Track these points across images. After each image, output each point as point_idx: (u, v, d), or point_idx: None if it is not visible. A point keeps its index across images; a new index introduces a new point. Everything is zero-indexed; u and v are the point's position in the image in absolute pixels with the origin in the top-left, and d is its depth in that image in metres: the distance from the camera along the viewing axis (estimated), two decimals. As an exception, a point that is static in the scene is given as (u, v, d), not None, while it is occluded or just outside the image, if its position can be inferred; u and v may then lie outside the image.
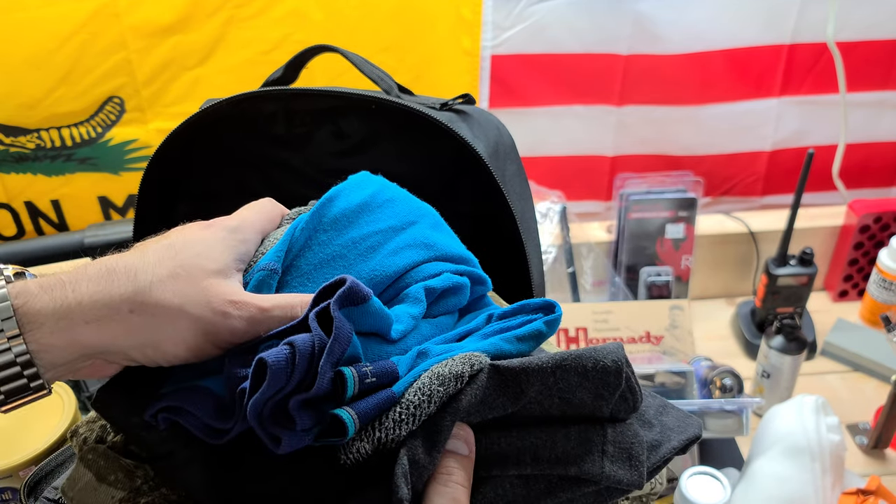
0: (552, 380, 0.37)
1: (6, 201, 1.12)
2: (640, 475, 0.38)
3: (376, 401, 0.36)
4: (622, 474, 0.38)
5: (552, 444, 0.38)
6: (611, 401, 0.39)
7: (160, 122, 1.07)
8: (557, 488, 0.38)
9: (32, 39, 0.98)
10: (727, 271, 1.19)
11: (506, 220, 0.57)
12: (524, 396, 0.37)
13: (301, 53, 0.66)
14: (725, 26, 1.09)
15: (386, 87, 0.60)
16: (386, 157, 0.63)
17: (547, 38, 1.07)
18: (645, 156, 1.20)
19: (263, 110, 0.63)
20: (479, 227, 0.64)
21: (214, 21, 1.00)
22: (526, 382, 0.37)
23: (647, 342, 1.05)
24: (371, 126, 0.62)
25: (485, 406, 0.37)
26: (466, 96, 0.60)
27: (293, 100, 0.62)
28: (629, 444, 0.39)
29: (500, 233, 0.62)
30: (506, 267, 0.63)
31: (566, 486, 0.38)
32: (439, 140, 0.57)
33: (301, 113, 0.62)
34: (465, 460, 0.37)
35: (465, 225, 0.64)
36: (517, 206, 0.57)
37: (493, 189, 0.56)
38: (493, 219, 0.62)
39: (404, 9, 1.03)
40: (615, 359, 0.38)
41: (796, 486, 0.77)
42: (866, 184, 1.25)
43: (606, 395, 0.38)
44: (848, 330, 1.11)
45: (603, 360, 0.38)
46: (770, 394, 0.97)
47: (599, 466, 0.38)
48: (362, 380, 0.36)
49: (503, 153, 0.60)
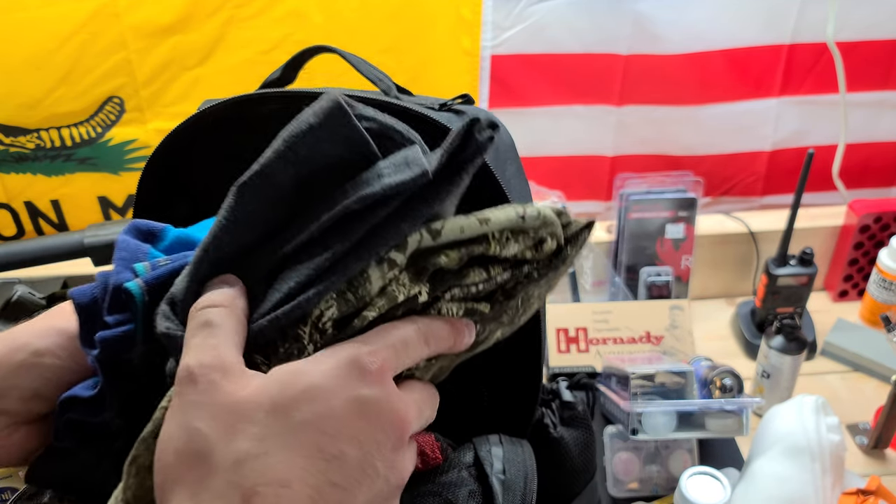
0: (291, 155, 0.36)
1: (6, 201, 1.12)
2: (422, 167, 0.37)
3: (171, 266, 0.39)
4: (403, 175, 0.36)
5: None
6: (363, 140, 0.37)
7: (160, 122, 1.07)
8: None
9: (32, 39, 0.98)
10: (727, 271, 1.19)
11: None
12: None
13: (300, 54, 0.66)
14: (725, 26, 1.09)
15: (385, 87, 0.60)
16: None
17: (547, 39, 1.07)
18: (645, 156, 1.20)
19: (262, 110, 0.63)
20: None
21: (214, 21, 1.00)
22: (268, 178, 0.37)
23: (647, 342, 1.05)
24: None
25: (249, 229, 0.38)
26: (465, 97, 0.60)
27: (292, 101, 0.62)
28: (402, 157, 0.38)
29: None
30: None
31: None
32: (439, 140, 0.57)
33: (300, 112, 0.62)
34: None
35: None
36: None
37: (494, 189, 0.56)
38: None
39: (404, 9, 1.03)
40: (331, 98, 0.37)
41: (796, 486, 0.77)
42: (866, 184, 1.25)
43: (350, 133, 0.37)
44: (848, 330, 1.11)
45: (320, 104, 0.37)
46: (770, 394, 0.97)
47: (378, 185, 0.36)
48: (154, 266, 0.39)
49: (503, 153, 0.61)
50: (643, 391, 0.81)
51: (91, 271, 0.93)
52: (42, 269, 0.99)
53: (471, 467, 0.52)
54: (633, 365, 0.85)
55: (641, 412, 0.78)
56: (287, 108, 0.62)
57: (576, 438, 0.65)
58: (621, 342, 1.05)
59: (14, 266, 0.92)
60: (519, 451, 0.54)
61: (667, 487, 0.86)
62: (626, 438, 0.86)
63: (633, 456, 0.86)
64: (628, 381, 0.81)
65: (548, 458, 0.63)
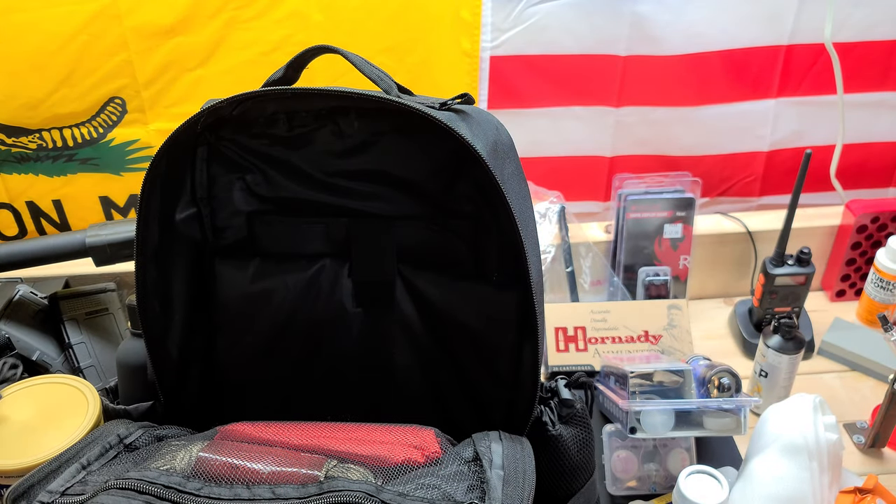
0: None
1: (8, 201, 1.12)
2: None
3: None
4: None
5: None
6: None
7: (161, 123, 1.07)
8: None
9: (34, 41, 0.98)
10: (725, 271, 1.20)
11: (504, 219, 0.58)
12: None
13: (302, 54, 0.66)
14: (723, 28, 1.09)
15: (386, 87, 0.61)
16: (386, 157, 0.63)
17: (546, 40, 1.08)
18: (643, 156, 1.20)
19: (264, 111, 0.63)
20: (478, 226, 0.64)
21: (215, 22, 1.01)
22: None
23: (645, 341, 1.05)
24: (372, 126, 0.62)
25: None
26: (465, 96, 0.61)
27: (294, 100, 0.62)
28: None
29: (499, 231, 0.63)
30: (505, 265, 0.64)
31: None
32: (439, 140, 0.58)
33: (302, 113, 0.63)
34: None
35: (464, 224, 0.65)
36: (516, 204, 0.57)
37: (492, 188, 0.56)
38: (491, 217, 0.63)
39: (404, 10, 1.03)
40: None
41: (794, 485, 0.77)
42: (863, 184, 1.26)
43: None
44: (845, 329, 1.11)
45: None
46: (768, 393, 0.97)
47: None
48: None
49: (502, 152, 0.61)
50: (641, 390, 0.82)
51: (93, 271, 0.94)
52: (44, 269, 1.00)
53: (470, 463, 0.53)
54: (632, 364, 0.85)
55: (640, 411, 0.79)
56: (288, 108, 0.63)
57: (574, 436, 0.65)
58: (620, 341, 1.05)
59: (16, 266, 0.92)
60: (518, 448, 0.55)
61: (665, 486, 0.86)
62: (625, 437, 0.86)
63: (632, 454, 0.87)
64: (627, 380, 0.82)
65: (546, 456, 0.64)
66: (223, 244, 0.69)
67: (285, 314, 0.68)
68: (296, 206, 0.66)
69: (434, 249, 0.66)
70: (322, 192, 0.65)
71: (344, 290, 0.68)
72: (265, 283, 0.68)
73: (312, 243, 0.67)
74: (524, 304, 0.62)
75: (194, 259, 0.68)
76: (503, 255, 0.63)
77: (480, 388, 0.67)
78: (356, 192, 0.65)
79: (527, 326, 0.63)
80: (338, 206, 0.66)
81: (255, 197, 0.67)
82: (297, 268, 0.68)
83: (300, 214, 0.67)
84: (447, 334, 0.67)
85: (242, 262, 0.68)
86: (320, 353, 0.69)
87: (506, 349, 0.65)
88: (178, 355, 0.68)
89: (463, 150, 0.55)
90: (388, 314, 0.68)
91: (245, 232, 0.68)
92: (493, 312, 0.64)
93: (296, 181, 0.65)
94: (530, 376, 0.64)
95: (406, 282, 0.67)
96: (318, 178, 0.65)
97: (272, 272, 0.68)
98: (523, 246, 0.58)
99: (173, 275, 0.67)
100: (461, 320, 0.66)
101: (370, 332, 0.69)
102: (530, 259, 0.59)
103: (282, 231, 0.68)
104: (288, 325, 0.69)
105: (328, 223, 0.66)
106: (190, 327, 0.68)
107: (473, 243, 0.65)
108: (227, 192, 0.67)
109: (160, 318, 0.66)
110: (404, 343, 0.68)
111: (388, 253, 0.66)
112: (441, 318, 0.67)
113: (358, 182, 0.65)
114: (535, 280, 0.60)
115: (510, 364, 0.65)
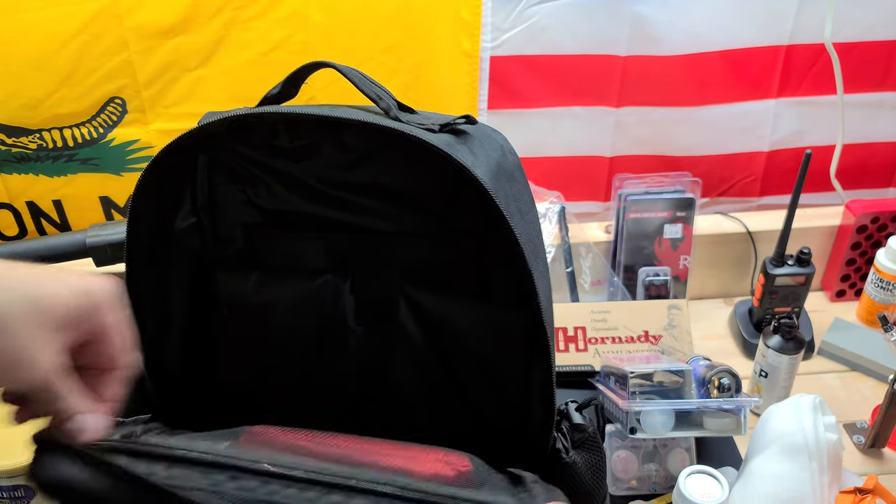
0: None
1: (8, 201, 1.12)
2: None
3: None
4: None
5: None
6: None
7: (162, 123, 1.07)
8: None
9: (34, 41, 0.98)
10: (725, 271, 1.20)
11: (508, 242, 0.57)
12: None
13: (299, 70, 0.65)
14: (723, 28, 1.09)
15: (385, 106, 0.59)
16: (389, 170, 0.62)
17: (546, 40, 1.08)
18: (643, 156, 1.20)
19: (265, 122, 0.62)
20: (482, 245, 0.63)
21: (215, 23, 1.01)
22: None
23: (645, 341, 1.05)
24: (374, 139, 0.61)
25: None
26: (467, 117, 0.60)
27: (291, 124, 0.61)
28: None
29: (503, 252, 0.61)
30: (510, 286, 0.63)
31: None
32: (434, 164, 0.57)
33: (303, 125, 0.62)
34: None
35: (469, 242, 0.64)
36: (520, 227, 0.56)
37: (495, 211, 0.55)
38: (495, 238, 0.61)
39: (404, 10, 1.03)
40: None
41: (794, 485, 0.78)
42: (864, 184, 1.26)
43: None
44: (845, 330, 1.11)
45: None
46: (768, 393, 0.97)
47: None
48: None
49: (507, 173, 0.60)
50: (641, 390, 0.82)
51: (93, 271, 0.94)
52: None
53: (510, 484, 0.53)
54: (632, 364, 0.85)
55: (640, 411, 0.79)
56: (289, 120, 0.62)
57: (587, 462, 0.63)
58: (620, 341, 1.05)
59: (16, 266, 0.92)
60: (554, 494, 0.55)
61: (665, 486, 0.87)
62: (625, 437, 0.86)
63: (632, 454, 0.87)
64: (627, 380, 0.82)
65: (560, 484, 0.62)
66: (224, 255, 0.68)
67: (286, 328, 0.67)
68: (297, 219, 0.65)
69: (438, 267, 0.64)
70: (324, 205, 0.64)
71: (346, 306, 0.67)
72: (266, 295, 0.67)
73: (314, 258, 0.66)
74: (532, 326, 0.60)
75: (194, 270, 0.67)
76: (508, 276, 0.62)
77: (486, 411, 0.66)
78: (359, 207, 0.64)
79: (535, 350, 0.61)
80: (340, 220, 0.65)
81: (256, 209, 0.66)
82: (299, 282, 0.66)
83: (301, 228, 0.66)
84: (451, 354, 0.66)
85: (243, 274, 0.67)
86: (321, 370, 0.68)
87: (513, 373, 0.63)
88: (176, 368, 0.67)
89: (464, 172, 0.55)
90: (391, 332, 0.66)
91: (246, 244, 0.67)
92: (498, 334, 0.62)
93: (297, 193, 0.64)
94: (541, 403, 0.62)
95: (409, 299, 0.65)
96: (320, 191, 0.63)
97: (274, 285, 0.67)
98: (529, 268, 0.56)
99: (171, 285, 0.66)
100: (465, 340, 0.64)
101: (372, 350, 0.67)
102: (538, 282, 0.57)
103: (282, 245, 0.66)
104: (289, 339, 0.68)
105: (330, 238, 0.66)
106: (188, 339, 0.68)
107: (478, 262, 0.64)
108: (227, 201, 0.66)
109: (155, 329, 0.65)
110: (407, 361, 0.67)
111: (391, 270, 0.65)
112: (445, 338, 0.65)
113: (360, 196, 0.63)
114: (543, 302, 0.58)
115: (518, 388, 0.64)
